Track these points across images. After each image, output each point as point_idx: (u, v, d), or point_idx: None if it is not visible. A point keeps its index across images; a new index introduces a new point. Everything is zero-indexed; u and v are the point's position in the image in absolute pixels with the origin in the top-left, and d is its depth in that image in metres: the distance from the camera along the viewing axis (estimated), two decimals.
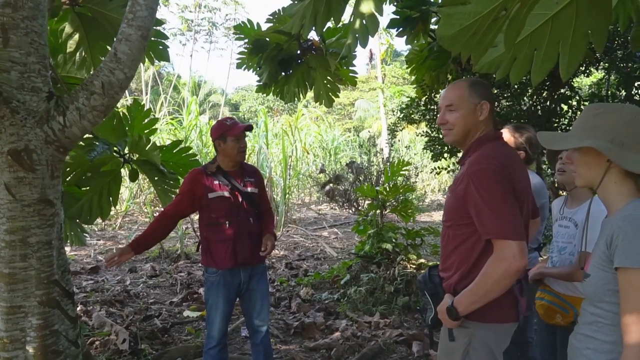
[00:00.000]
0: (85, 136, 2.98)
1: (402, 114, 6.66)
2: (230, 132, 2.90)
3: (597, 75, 5.83)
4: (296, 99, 4.42)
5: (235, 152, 2.94)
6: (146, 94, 17.54)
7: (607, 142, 1.39)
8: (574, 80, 4.89)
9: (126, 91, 2.22)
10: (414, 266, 5.41)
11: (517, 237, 1.64)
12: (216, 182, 2.95)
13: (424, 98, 5.48)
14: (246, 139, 3.02)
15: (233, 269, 2.93)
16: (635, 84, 4.25)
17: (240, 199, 2.97)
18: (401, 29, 3.50)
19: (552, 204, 2.77)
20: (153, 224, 3.02)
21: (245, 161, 3.13)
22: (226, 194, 2.94)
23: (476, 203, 1.71)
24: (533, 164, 2.85)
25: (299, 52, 3.99)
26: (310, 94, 4.46)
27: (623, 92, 4.40)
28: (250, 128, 3.03)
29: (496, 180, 1.70)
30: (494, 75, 2.03)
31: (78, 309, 4.64)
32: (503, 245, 1.65)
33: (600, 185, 1.44)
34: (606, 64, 4.53)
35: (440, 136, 5.66)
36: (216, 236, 2.92)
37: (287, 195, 11.16)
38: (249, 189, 3.01)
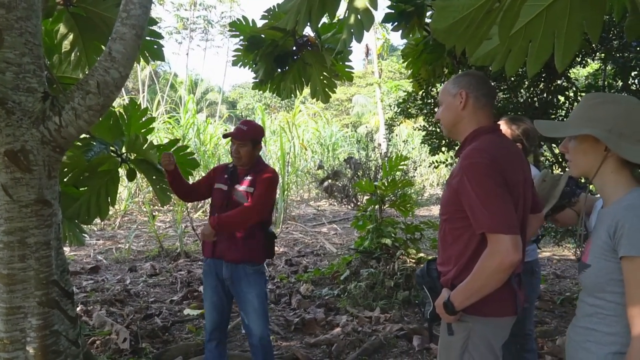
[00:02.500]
0: (82, 136, 2.98)
1: (399, 109, 6.64)
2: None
3: (594, 65, 5.82)
4: (293, 95, 4.41)
5: (231, 153, 3.10)
6: (143, 92, 17.51)
7: (605, 131, 1.38)
8: (570, 71, 4.88)
9: (123, 90, 2.22)
10: (413, 260, 5.42)
11: (509, 231, 1.63)
12: (225, 176, 3.11)
13: (421, 92, 5.46)
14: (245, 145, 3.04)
15: (216, 260, 3.04)
16: (632, 74, 4.23)
17: (232, 194, 3.03)
18: (396, 23, 3.49)
19: None
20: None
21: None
22: (224, 187, 3.07)
23: (469, 197, 1.71)
24: (530, 156, 2.85)
25: (294, 48, 3.98)
26: (306, 91, 4.45)
27: (620, 83, 4.39)
28: (227, 135, 3.13)
29: (488, 174, 1.70)
30: (490, 68, 2.03)
31: (78, 308, 4.64)
32: (496, 239, 1.64)
33: (597, 175, 1.43)
34: (602, 55, 4.52)
35: (438, 130, 5.65)
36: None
37: (285, 192, 11.16)
38: (241, 187, 3.03)
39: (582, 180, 2.28)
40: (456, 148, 1.98)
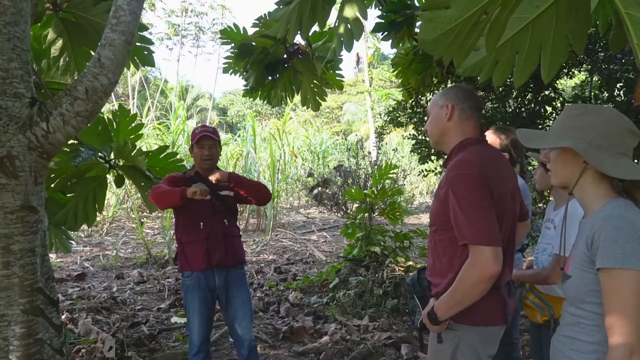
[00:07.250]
0: (70, 142, 2.96)
1: (389, 117, 6.67)
2: (194, 140, 3.00)
3: (580, 77, 5.90)
4: (283, 103, 4.42)
5: (199, 159, 3.00)
6: (133, 98, 17.43)
7: (585, 143, 1.39)
8: (557, 82, 4.95)
9: (113, 96, 2.22)
10: (402, 269, 5.42)
11: (490, 243, 1.64)
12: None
13: (410, 101, 5.51)
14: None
15: (207, 272, 2.93)
16: (617, 85, 4.30)
17: (215, 201, 2.96)
18: (386, 32, 3.52)
19: (547, 206, 2.79)
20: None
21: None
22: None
23: (454, 209, 1.72)
24: (517, 166, 2.88)
25: (285, 56, 3.99)
26: (297, 98, 4.46)
27: (605, 94, 4.46)
28: (206, 136, 2.98)
29: (473, 185, 1.71)
30: (478, 78, 2.05)
31: (64, 316, 4.58)
32: (476, 250, 1.65)
33: (577, 186, 1.45)
34: (589, 66, 4.59)
35: (427, 139, 5.70)
36: (190, 237, 2.93)
37: (275, 200, 11.13)
38: (224, 192, 3.02)
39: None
40: (445, 157, 2.00)
